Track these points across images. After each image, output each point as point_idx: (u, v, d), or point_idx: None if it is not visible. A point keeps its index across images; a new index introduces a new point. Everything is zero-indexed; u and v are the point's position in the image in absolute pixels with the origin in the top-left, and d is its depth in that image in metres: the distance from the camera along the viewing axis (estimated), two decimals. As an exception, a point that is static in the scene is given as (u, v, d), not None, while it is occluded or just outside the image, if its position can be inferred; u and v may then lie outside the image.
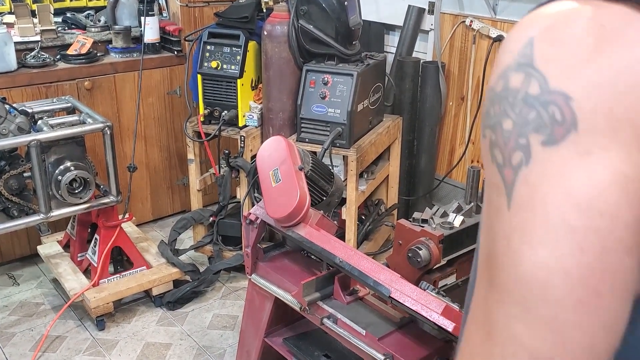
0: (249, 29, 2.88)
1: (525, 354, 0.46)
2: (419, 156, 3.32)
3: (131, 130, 3.19)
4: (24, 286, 3.00)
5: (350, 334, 1.58)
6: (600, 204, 0.44)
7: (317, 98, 2.67)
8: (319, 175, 1.94)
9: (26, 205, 2.50)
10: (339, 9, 2.66)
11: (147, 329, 2.68)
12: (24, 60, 2.99)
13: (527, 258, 0.46)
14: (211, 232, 3.07)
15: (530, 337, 0.46)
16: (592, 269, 0.44)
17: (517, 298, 0.47)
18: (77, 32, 3.34)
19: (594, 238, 0.44)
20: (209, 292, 2.93)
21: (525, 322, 0.46)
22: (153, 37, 3.32)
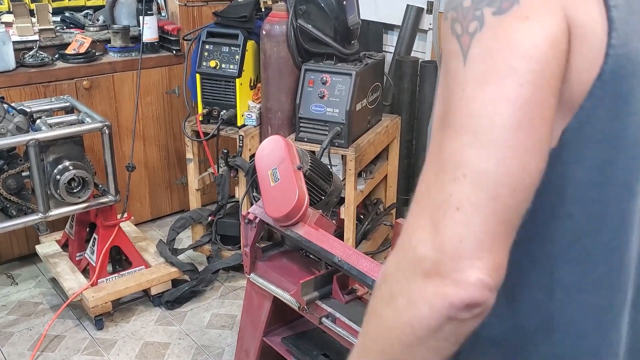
0: (248, 28, 2.88)
1: (474, 173, 0.56)
2: (417, 155, 3.32)
3: (130, 130, 3.19)
4: (23, 286, 2.99)
5: (349, 333, 1.58)
6: (535, 54, 0.57)
7: (316, 97, 2.67)
8: (317, 175, 1.94)
9: (24, 204, 2.50)
10: (338, 9, 2.66)
11: (145, 328, 2.68)
12: (22, 60, 2.98)
13: (479, 96, 0.57)
14: (210, 231, 3.07)
15: (479, 159, 0.56)
16: (527, 99, 0.57)
17: (469, 129, 0.57)
18: (76, 31, 3.34)
19: (530, 77, 0.57)
20: (208, 292, 2.93)
21: (474, 147, 0.57)
22: (152, 36, 3.32)
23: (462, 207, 0.56)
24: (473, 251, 0.55)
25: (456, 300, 0.55)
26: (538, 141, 0.57)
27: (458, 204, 0.56)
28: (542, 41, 0.57)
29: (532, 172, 0.58)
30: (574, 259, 0.63)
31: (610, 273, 0.64)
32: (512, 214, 0.57)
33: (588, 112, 0.60)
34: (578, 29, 0.58)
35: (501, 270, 0.57)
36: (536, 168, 0.58)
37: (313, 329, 1.89)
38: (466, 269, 0.55)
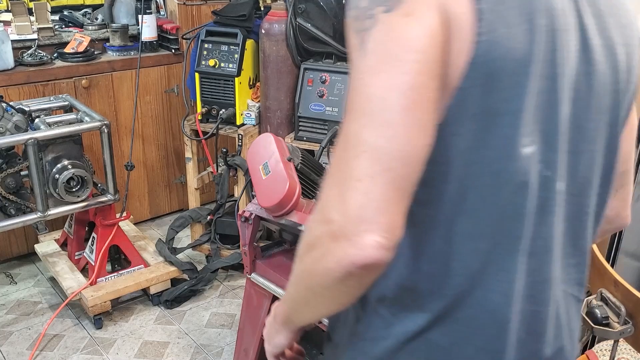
0: (247, 27, 2.87)
1: (370, 149, 0.67)
2: (416, 155, 3.32)
3: (129, 129, 3.19)
4: (22, 285, 2.99)
5: (348, 332, 1.58)
6: (417, 45, 0.67)
7: (315, 96, 2.66)
8: (309, 169, 1.95)
9: (23, 203, 2.50)
10: (337, 7, 2.66)
11: (144, 327, 2.68)
12: (21, 59, 2.98)
13: (373, 83, 0.68)
14: (209, 230, 3.07)
15: (374, 137, 0.67)
16: (412, 85, 0.67)
17: (365, 112, 0.68)
18: (75, 30, 3.33)
19: (413, 65, 0.67)
20: (207, 291, 2.93)
21: (370, 127, 0.67)
22: (150, 35, 3.32)
23: (362, 179, 0.66)
24: (372, 216, 0.66)
25: (357, 260, 0.66)
26: (423, 120, 0.68)
27: (359, 176, 0.67)
28: (422, 34, 0.68)
29: (420, 146, 0.68)
30: (464, 213, 0.74)
31: (494, 223, 0.74)
32: (404, 183, 0.68)
33: (464, 91, 0.70)
34: (453, 21, 0.68)
35: (397, 231, 0.68)
36: (423, 143, 0.69)
37: (312, 328, 1.89)
38: (366, 233, 0.65)
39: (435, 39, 0.68)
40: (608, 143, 0.84)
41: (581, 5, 0.77)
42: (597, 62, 0.78)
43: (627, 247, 2.09)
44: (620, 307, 1.47)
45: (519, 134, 0.72)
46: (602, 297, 1.54)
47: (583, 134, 0.80)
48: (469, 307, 0.76)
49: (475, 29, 0.69)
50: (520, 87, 0.71)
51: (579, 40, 0.76)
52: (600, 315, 1.50)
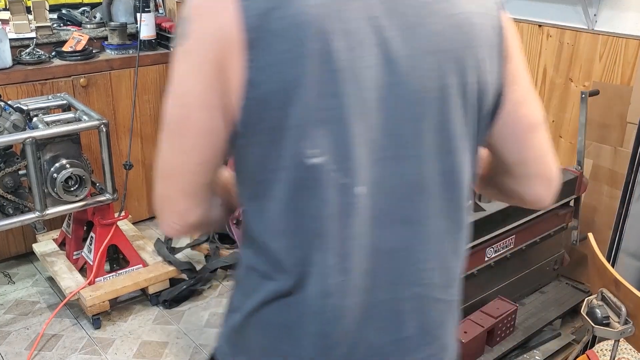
0: (246, 25, 2.86)
1: (161, 160, 0.87)
2: (416, 154, 3.31)
3: (127, 128, 3.18)
4: (20, 284, 2.98)
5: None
6: (185, 81, 0.82)
7: (314, 95, 2.65)
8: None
9: (21, 203, 2.49)
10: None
11: (143, 327, 2.67)
12: (19, 57, 2.97)
13: (166, 105, 0.85)
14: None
15: (164, 148, 0.87)
16: (178, 117, 0.84)
17: (163, 127, 0.86)
18: (73, 28, 3.33)
19: (181, 98, 0.83)
20: (206, 291, 2.92)
21: (163, 139, 0.86)
22: (149, 33, 3.31)
23: (157, 180, 0.89)
24: (164, 209, 0.90)
25: (168, 233, 0.95)
26: (193, 142, 0.85)
27: (158, 178, 0.89)
28: (191, 71, 0.81)
29: (188, 163, 0.87)
30: (281, 212, 0.85)
31: (303, 224, 0.84)
32: (187, 186, 0.88)
33: (246, 109, 0.80)
34: (227, 51, 0.79)
35: (186, 218, 0.90)
36: (191, 161, 0.86)
37: None
38: (163, 220, 0.91)
39: (202, 77, 0.81)
40: (442, 145, 0.87)
41: (381, 21, 0.81)
42: (402, 72, 0.83)
43: (628, 246, 2.08)
44: (621, 307, 1.47)
45: (305, 146, 0.80)
46: (603, 296, 1.53)
47: (399, 141, 0.85)
48: (302, 292, 0.86)
49: (246, 56, 0.78)
50: (293, 106, 0.79)
51: (379, 54, 0.81)
52: (600, 315, 1.50)
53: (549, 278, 2.53)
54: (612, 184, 2.56)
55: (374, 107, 0.82)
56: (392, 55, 0.82)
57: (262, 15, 0.78)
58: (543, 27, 2.81)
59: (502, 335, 2.17)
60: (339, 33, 0.79)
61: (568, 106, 2.79)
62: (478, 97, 0.89)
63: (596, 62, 2.63)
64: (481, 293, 2.19)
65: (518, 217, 2.18)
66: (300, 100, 0.79)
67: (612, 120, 2.58)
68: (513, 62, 0.96)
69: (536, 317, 2.32)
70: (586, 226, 2.57)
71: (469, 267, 2.09)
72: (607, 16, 2.55)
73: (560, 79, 2.79)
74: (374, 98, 0.82)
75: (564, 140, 2.84)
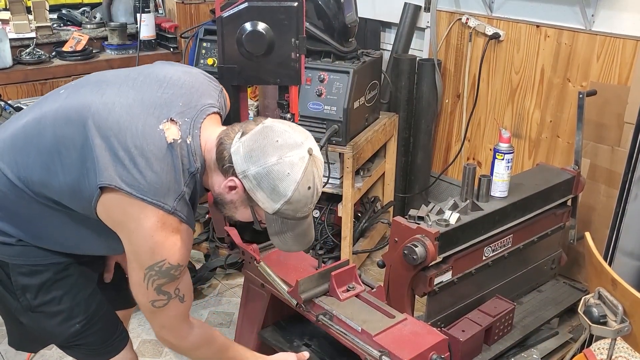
0: (245, 26, 2.87)
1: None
2: (415, 153, 3.32)
3: (127, 128, 3.18)
4: (20, 283, 2.98)
5: (346, 330, 1.59)
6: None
7: (313, 95, 2.67)
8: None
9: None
10: (335, 6, 2.66)
11: (143, 326, 2.68)
12: (19, 57, 2.98)
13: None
14: (207, 229, 3.07)
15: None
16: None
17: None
18: (73, 28, 3.33)
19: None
20: (205, 290, 2.93)
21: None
22: (149, 33, 3.32)
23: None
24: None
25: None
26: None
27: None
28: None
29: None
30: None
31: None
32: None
33: None
34: None
35: None
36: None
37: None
38: None
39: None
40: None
41: None
42: None
43: (625, 246, 2.09)
44: (618, 305, 1.48)
45: None
46: (600, 295, 1.54)
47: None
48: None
49: None
50: None
51: None
52: (597, 313, 1.50)
53: (546, 277, 2.54)
54: (610, 184, 2.57)
55: None
56: None
57: None
58: (541, 27, 2.82)
59: (500, 334, 2.18)
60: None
61: (566, 106, 2.80)
62: None
63: (594, 62, 2.65)
64: (479, 292, 2.20)
65: (516, 216, 2.19)
66: None
67: (610, 120, 2.59)
68: None
69: (534, 315, 2.33)
70: (583, 225, 2.58)
71: (467, 266, 2.10)
72: (605, 17, 2.57)
73: (557, 79, 2.81)
74: None
75: (561, 140, 2.86)
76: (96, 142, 1.27)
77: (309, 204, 1.37)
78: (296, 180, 1.31)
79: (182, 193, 1.31)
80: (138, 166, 1.26)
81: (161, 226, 1.28)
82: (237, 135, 1.35)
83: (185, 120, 1.35)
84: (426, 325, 1.61)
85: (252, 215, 1.42)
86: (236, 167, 1.33)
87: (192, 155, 1.34)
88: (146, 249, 1.30)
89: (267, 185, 1.32)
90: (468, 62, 3.13)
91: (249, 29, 1.89)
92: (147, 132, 1.29)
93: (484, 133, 3.18)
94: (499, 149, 2.14)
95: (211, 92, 1.48)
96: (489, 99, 3.10)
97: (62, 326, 1.51)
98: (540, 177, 2.36)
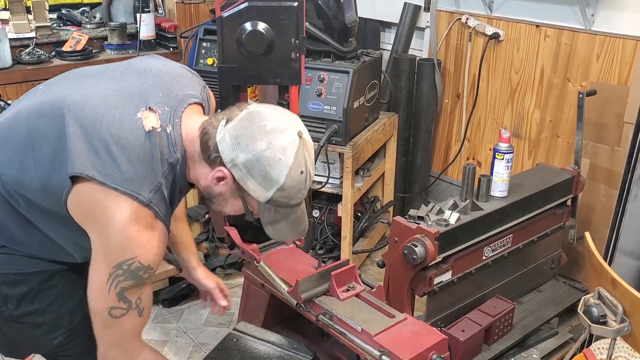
0: (245, 25, 2.87)
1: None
2: (414, 153, 3.32)
3: (127, 127, 3.18)
4: (19, 283, 2.98)
5: (346, 330, 1.59)
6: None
7: (313, 95, 2.67)
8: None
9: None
10: (335, 6, 2.66)
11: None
12: (18, 57, 2.98)
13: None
14: (207, 229, 3.07)
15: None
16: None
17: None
18: (73, 28, 3.33)
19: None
20: (205, 289, 2.93)
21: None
22: (149, 33, 3.32)
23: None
24: None
25: None
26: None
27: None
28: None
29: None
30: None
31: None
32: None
33: None
34: None
35: None
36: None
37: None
38: None
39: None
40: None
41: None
42: None
43: (625, 245, 2.09)
44: (618, 305, 1.48)
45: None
46: (600, 295, 1.54)
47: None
48: None
49: None
50: None
51: None
52: (597, 313, 1.50)
53: (546, 277, 2.54)
54: (609, 184, 2.57)
55: None
56: None
57: None
58: (541, 27, 2.82)
59: (500, 334, 2.18)
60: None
61: (565, 106, 2.80)
62: None
63: (593, 62, 2.65)
64: (479, 292, 2.20)
65: (515, 216, 2.19)
66: None
67: (610, 120, 2.59)
68: None
69: (533, 315, 2.33)
70: (583, 225, 2.58)
71: (467, 266, 2.10)
72: (605, 16, 2.57)
73: (557, 79, 2.81)
74: None
75: (561, 140, 2.86)
76: (70, 130, 1.22)
77: (302, 190, 1.31)
78: (288, 165, 1.25)
79: (158, 184, 1.24)
80: (113, 155, 1.20)
81: (135, 219, 1.20)
82: (221, 123, 1.27)
83: (165, 110, 1.29)
84: (426, 325, 1.61)
85: (244, 206, 1.34)
86: (223, 156, 1.26)
87: (172, 145, 1.27)
88: (116, 244, 1.21)
89: (258, 173, 1.25)
90: (468, 62, 3.13)
91: (249, 28, 1.89)
92: (124, 120, 1.24)
93: (484, 133, 3.18)
94: (499, 148, 2.14)
95: (193, 85, 1.42)
96: (489, 98, 3.10)
97: (45, 337, 1.45)
98: (540, 177, 2.36)
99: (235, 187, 1.29)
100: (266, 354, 1.67)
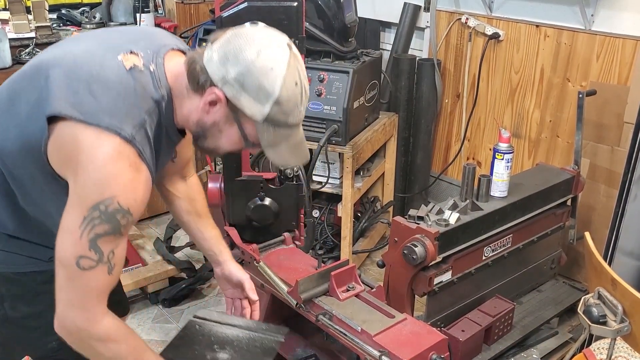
0: (245, 25, 2.87)
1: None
2: (414, 153, 3.32)
3: (127, 127, 3.18)
4: (19, 283, 2.98)
5: (346, 330, 1.59)
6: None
7: (313, 95, 2.67)
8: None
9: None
10: (335, 6, 2.66)
11: (142, 326, 2.68)
12: (18, 57, 2.98)
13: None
14: (207, 229, 3.06)
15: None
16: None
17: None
18: (72, 28, 3.33)
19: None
20: (205, 290, 2.93)
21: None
22: (148, 33, 3.31)
23: None
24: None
25: None
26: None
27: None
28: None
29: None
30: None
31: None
32: None
33: None
34: None
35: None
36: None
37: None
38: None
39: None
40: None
41: None
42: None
43: (625, 245, 2.09)
44: (618, 305, 1.48)
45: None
46: (600, 295, 1.54)
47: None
48: None
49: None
50: None
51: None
52: (597, 313, 1.51)
53: (546, 277, 2.54)
54: (609, 184, 2.57)
55: None
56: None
57: None
58: (540, 27, 2.82)
59: (500, 334, 2.18)
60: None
61: (565, 106, 2.80)
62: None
63: (593, 62, 2.65)
64: (479, 292, 2.20)
65: (515, 216, 2.19)
66: None
67: (609, 120, 2.59)
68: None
69: (533, 315, 2.33)
70: (583, 225, 2.58)
71: (467, 266, 2.10)
72: (605, 16, 2.57)
73: (557, 79, 2.81)
74: None
75: (561, 140, 2.86)
76: (51, 74, 1.18)
77: (298, 105, 1.24)
78: (282, 75, 1.19)
79: (142, 121, 1.18)
80: (93, 92, 1.15)
81: (117, 155, 1.13)
82: (206, 48, 1.22)
83: (147, 52, 1.24)
84: (426, 325, 1.61)
85: (240, 132, 1.26)
86: (213, 76, 1.19)
87: (157, 81, 1.22)
88: (95, 182, 1.13)
89: (251, 85, 1.18)
90: (468, 62, 3.13)
91: (248, 29, 1.89)
92: (105, 62, 1.20)
93: (484, 133, 3.18)
94: (499, 148, 2.14)
95: (177, 41, 1.36)
96: (489, 98, 3.11)
97: (40, 341, 1.41)
98: (540, 177, 2.36)
99: (229, 110, 1.23)
100: (234, 337, 1.60)
